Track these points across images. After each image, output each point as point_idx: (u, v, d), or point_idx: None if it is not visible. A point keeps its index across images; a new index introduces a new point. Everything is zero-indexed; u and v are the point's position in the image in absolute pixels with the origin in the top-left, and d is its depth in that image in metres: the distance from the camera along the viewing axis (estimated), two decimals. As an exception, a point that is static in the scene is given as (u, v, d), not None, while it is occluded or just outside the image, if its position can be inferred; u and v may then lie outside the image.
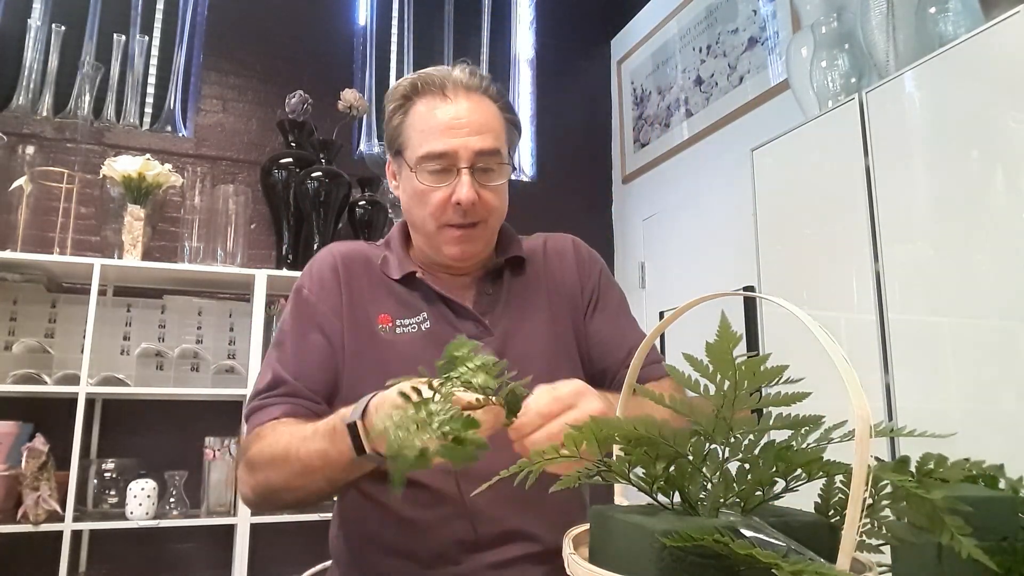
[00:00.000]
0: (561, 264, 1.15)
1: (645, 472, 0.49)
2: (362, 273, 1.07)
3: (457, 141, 0.98)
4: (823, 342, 0.38)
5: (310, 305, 1.04)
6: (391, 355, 1.00)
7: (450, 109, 0.99)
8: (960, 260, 1.33)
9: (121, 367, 2.27)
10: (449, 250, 1.02)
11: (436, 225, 1.01)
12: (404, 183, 1.05)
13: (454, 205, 0.98)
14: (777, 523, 0.42)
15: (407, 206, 1.05)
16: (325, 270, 1.06)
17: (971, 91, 1.34)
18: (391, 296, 1.05)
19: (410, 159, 1.01)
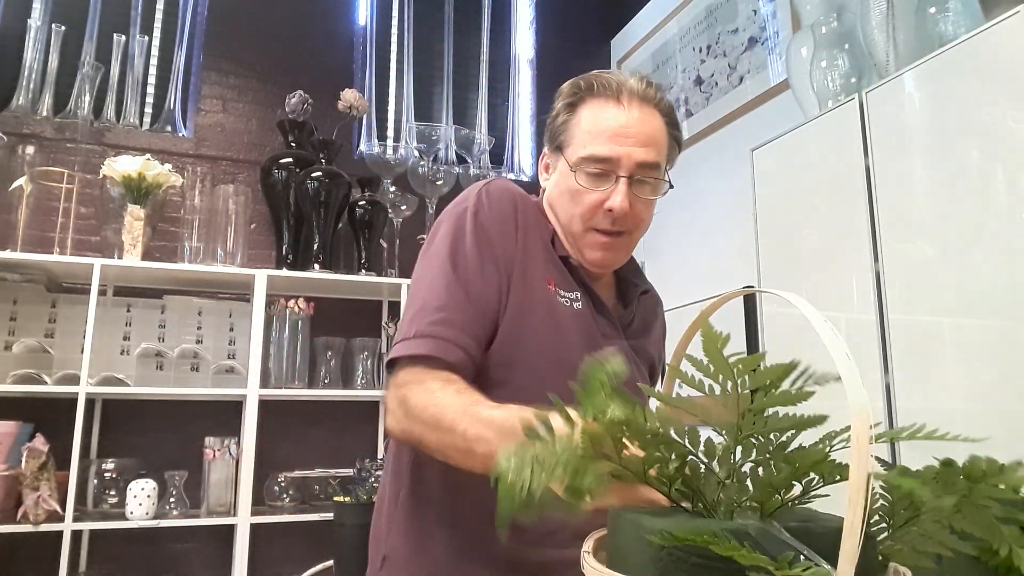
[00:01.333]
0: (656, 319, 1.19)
1: (659, 472, 0.49)
2: (535, 225, 1.04)
3: (622, 149, 0.97)
4: (832, 347, 0.38)
5: (488, 234, 0.98)
6: (556, 319, 0.99)
7: (621, 116, 0.99)
8: (960, 260, 1.33)
9: (121, 367, 2.27)
10: (591, 254, 1.02)
11: (583, 227, 1.00)
12: (559, 179, 1.03)
13: (605, 211, 0.98)
14: (798, 528, 0.41)
15: (556, 201, 1.04)
16: (506, 205, 1.02)
17: (971, 91, 1.34)
18: (555, 264, 1.03)
19: (570, 157, 1.00)
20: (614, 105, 1.00)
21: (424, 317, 0.92)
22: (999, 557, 0.42)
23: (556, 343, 0.97)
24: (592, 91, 1.01)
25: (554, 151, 1.05)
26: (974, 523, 0.41)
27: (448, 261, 0.96)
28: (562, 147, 1.02)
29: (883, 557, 0.44)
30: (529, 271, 0.99)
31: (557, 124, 1.04)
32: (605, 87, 1.01)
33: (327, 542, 2.34)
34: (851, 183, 1.56)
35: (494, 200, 1.02)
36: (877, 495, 0.46)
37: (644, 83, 1.02)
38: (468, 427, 0.80)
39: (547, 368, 0.94)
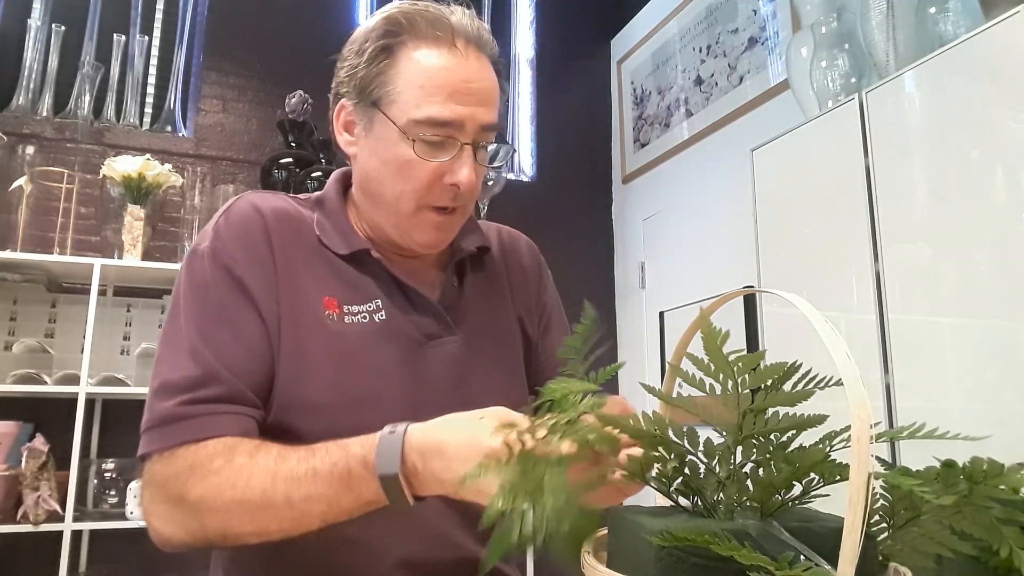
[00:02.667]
0: (519, 263, 1.02)
1: (659, 472, 0.49)
2: (294, 239, 0.85)
3: (466, 110, 0.80)
4: (832, 347, 0.38)
5: (235, 277, 0.80)
6: (341, 349, 0.81)
7: (460, 67, 0.81)
8: (960, 260, 1.33)
9: (121, 367, 2.27)
10: (423, 236, 0.85)
11: (416, 205, 0.83)
12: (377, 144, 0.83)
13: (446, 186, 0.81)
14: (799, 528, 0.41)
15: (374, 173, 0.84)
16: (252, 231, 0.83)
17: (971, 91, 1.34)
18: (335, 274, 0.85)
19: (398, 118, 0.80)
20: (449, 51, 0.81)
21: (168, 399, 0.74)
22: (999, 557, 0.42)
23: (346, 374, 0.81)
24: (415, 30, 0.82)
25: (366, 106, 0.83)
26: (974, 523, 0.41)
27: (192, 327, 0.78)
28: (380, 103, 0.82)
29: (883, 557, 0.44)
30: (298, 301, 0.82)
31: (371, 71, 0.82)
32: (435, 25, 0.81)
33: (327, 542, 2.33)
34: (851, 183, 1.56)
35: (235, 231, 0.83)
36: (877, 495, 0.46)
37: (475, 22, 0.85)
38: (291, 493, 0.67)
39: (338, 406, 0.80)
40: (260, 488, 0.68)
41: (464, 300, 0.92)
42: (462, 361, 0.88)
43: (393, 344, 0.84)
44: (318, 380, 0.79)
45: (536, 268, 1.04)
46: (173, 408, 0.74)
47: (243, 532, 0.70)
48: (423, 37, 0.82)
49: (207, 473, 0.71)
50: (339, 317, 0.83)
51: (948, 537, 0.43)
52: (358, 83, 0.84)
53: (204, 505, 0.71)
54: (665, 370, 1.00)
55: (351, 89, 0.85)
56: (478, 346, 0.90)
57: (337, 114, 0.88)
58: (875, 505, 0.46)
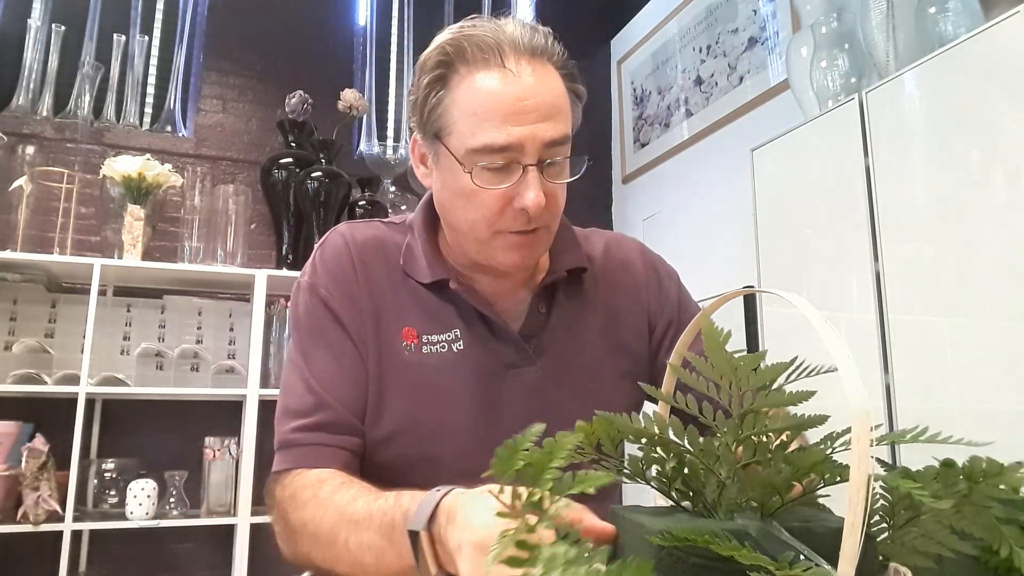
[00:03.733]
0: (626, 279, 0.96)
1: (659, 472, 0.49)
2: (381, 269, 0.87)
3: (524, 131, 0.76)
4: (832, 347, 0.38)
5: (331, 309, 0.85)
6: (415, 381, 0.83)
7: (512, 85, 0.77)
8: (960, 260, 1.33)
9: (121, 367, 2.27)
10: (506, 258, 0.83)
11: (490, 232, 0.81)
12: (445, 175, 0.83)
13: (516, 211, 0.79)
14: (799, 528, 0.41)
15: (447, 204, 0.85)
16: (343, 263, 0.87)
17: (971, 91, 1.34)
18: (416, 303, 0.86)
19: (457, 149, 0.79)
20: (498, 72, 0.77)
21: (286, 424, 0.81)
22: (999, 557, 0.42)
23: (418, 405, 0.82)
24: (465, 56, 0.79)
25: (431, 139, 0.83)
26: (974, 523, 0.41)
27: (300, 357, 0.84)
28: (441, 135, 0.81)
29: (883, 557, 0.44)
30: (382, 330, 0.84)
31: (429, 105, 0.81)
32: (482, 48, 0.78)
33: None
34: (851, 183, 1.56)
35: (329, 264, 0.87)
36: (877, 495, 0.46)
37: (528, 29, 0.81)
38: (349, 535, 0.68)
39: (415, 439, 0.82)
40: (329, 527, 0.70)
41: (550, 327, 0.89)
42: (541, 391, 0.86)
43: (470, 374, 0.84)
44: (392, 410, 0.81)
45: (651, 276, 0.98)
46: (287, 434, 0.81)
47: (321, 565, 0.74)
48: (473, 62, 0.79)
49: (298, 504, 0.75)
50: (417, 347, 0.84)
51: (948, 537, 0.43)
52: (420, 116, 0.83)
53: (295, 532, 0.76)
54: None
55: (416, 123, 0.85)
56: (561, 376, 0.87)
57: (413, 147, 0.89)
58: (875, 505, 0.46)
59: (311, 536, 0.73)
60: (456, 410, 0.83)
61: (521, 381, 0.86)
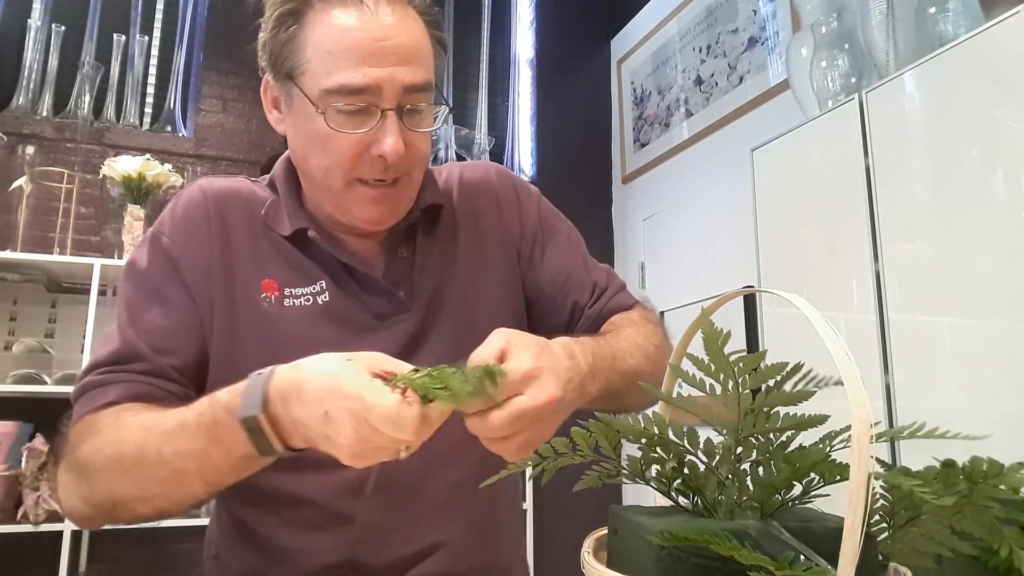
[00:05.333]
0: (486, 200, 0.93)
1: (658, 471, 0.49)
2: (240, 221, 0.83)
3: (382, 72, 0.72)
4: (832, 347, 0.38)
5: (171, 258, 0.79)
6: (276, 333, 0.78)
7: (371, 24, 0.73)
8: (960, 260, 1.33)
9: (121, 367, 2.27)
10: (363, 212, 0.79)
11: (344, 180, 0.77)
12: (298, 119, 0.78)
13: (374, 157, 0.75)
14: (798, 528, 0.41)
15: (301, 151, 0.80)
16: (194, 214, 0.82)
17: (971, 91, 1.34)
18: (278, 255, 0.82)
19: (311, 89, 0.74)
20: (356, 9, 0.73)
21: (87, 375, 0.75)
22: (999, 557, 0.42)
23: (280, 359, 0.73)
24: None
25: (283, 80, 0.78)
26: (975, 523, 0.41)
27: (124, 307, 0.78)
28: (293, 74, 0.76)
29: (883, 557, 0.44)
30: (235, 282, 0.80)
31: (279, 41, 0.76)
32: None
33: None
34: (851, 183, 1.56)
35: (180, 212, 0.83)
36: (877, 495, 0.46)
37: None
38: (162, 447, 0.63)
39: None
40: (134, 443, 0.65)
41: (416, 270, 0.85)
42: (417, 339, 0.82)
43: (337, 327, 0.80)
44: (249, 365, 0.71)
45: (513, 198, 0.94)
46: (88, 380, 0.74)
47: (126, 495, 0.67)
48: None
49: (92, 432, 0.69)
50: (278, 300, 0.80)
51: (948, 537, 0.43)
52: (270, 55, 0.78)
53: (88, 465, 0.67)
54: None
55: (268, 62, 0.79)
56: (438, 320, 0.84)
57: (264, 90, 0.83)
58: (875, 505, 0.46)
59: (111, 461, 0.65)
60: None
61: (396, 331, 0.82)
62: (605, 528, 0.50)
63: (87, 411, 0.72)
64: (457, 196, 0.92)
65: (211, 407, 0.62)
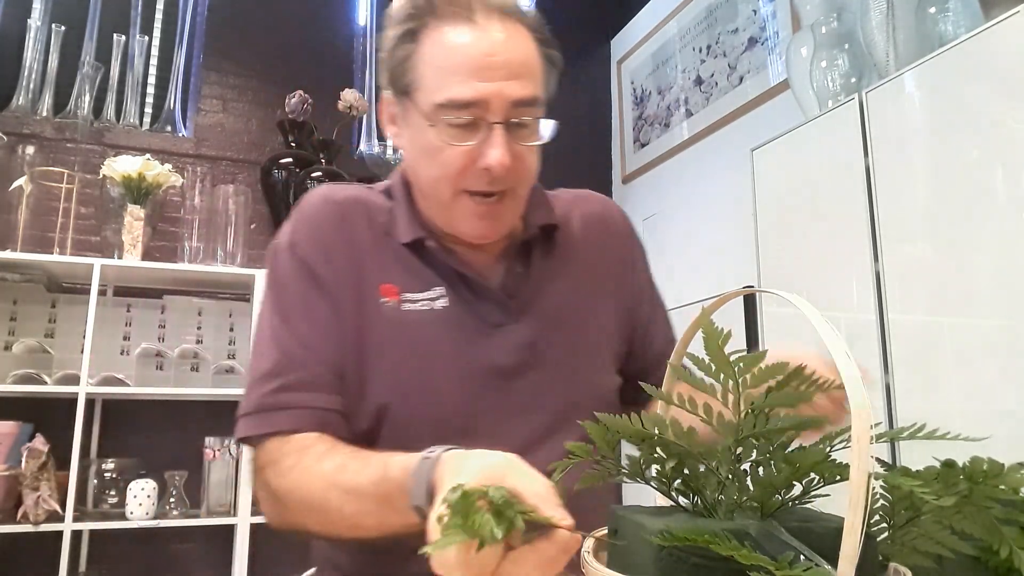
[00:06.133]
0: (605, 236, 0.97)
1: (659, 472, 0.49)
2: (362, 227, 0.86)
3: (490, 87, 0.75)
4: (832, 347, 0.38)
5: (310, 268, 0.83)
6: (397, 337, 0.81)
7: (481, 41, 0.76)
8: (960, 260, 1.33)
9: (121, 367, 2.26)
10: (468, 226, 0.82)
11: (452, 192, 0.80)
12: (412, 133, 0.82)
13: (480, 170, 0.77)
14: (798, 528, 0.41)
15: (414, 163, 0.84)
16: (322, 222, 0.85)
17: (971, 91, 1.34)
18: (397, 262, 0.84)
19: (424, 104, 0.78)
20: (468, 26, 0.77)
21: (259, 387, 0.79)
22: (999, 558, 0.42)
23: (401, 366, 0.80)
24: (435, 10, 0.78)
25: (399, 96, 0.82)
26: (975, 523, 0.41)
27: (275, 316, 0.82)
28: (409, 91, 0.80)
29: (883, 557, 0.44)
30: (361, 288, 0.82)
31: (397, 60, 0.81)
32: (451, 2, 0.78)
33: (327, 542, 2.34)
34: (851, 183, 1.56)
35: (306, 222, 0.86)
36: (877, 495, 0.46)
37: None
38: (343, 504, 0.68)
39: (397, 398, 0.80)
40: (319, 495, 0.70)
41: (531, 285, 0.88)
42: (528, 348, 0.85)
43: (454, 332, 0.83)
44: (375, 370, 0.79)
45: (629, 244, 1.00)
46: (264, 397, 0.78)
47: (315, 531, 0.73)
48: (442, 16, 0.78)
49: (281, 471, 0.74)
50: (397, 304, 0.82)
51: (948, 537, 0.43)
52: (390, 73, 0.83)
53: (282, 500, 0.74)
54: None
55: (386, 81, 0.84)
56: (548, 331, 0.86)
57: (382, 107, 0.88)
58: (875, 505, 0.46)
59: (300, 503, 0.72)
60: (440, 367, 0.81)
61: (508, 339, 0.84)
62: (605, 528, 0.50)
63: (268, 433, 0.77)
64: (576, 223, 0.95)
65: (384, 478, 0.64)
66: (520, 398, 0.82)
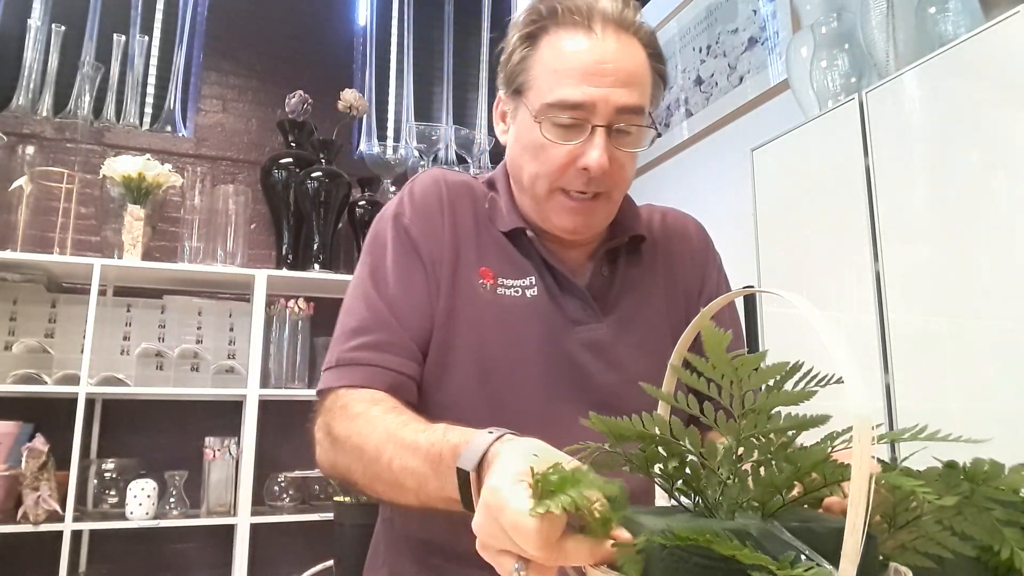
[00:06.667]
0: (682, 248, 1.01)
1: (661, 470, 0.49)
2: (467, 211, 0.90)
3: (598, 92, 0.80)
4: (833, 347, 0.38)
5: (412, 238, 0.87)
6: (488, 318, 0.85)
7: (595, 48, 0.81)
8: (960, 260, 1.33)
9: (121, 367, 2.27)
10: (560, 220, 0.86)
11: (548, 188, 0.84)
12: (519, 129, 0.87)
13: (579, 170, 0.82)
14: (799, 528, 0.41)
15: (516, 157, 0.88)
16: (431, 199, 0.89)
17: (971, 91, 1.34)
18: (495, 247, 0.89)
19: (533, 103, 0.83)
20: (584, 34, 0.82)
21: (344, 343, 0.83)
22: (999, 558, 0.42)
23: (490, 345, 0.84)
24: (556, 17, 0.83)
25: (512, 95, 0.88)
26: (975, 524, 0.41)
27: (369, 278, 0.86)
28: (522, 90, 0.85)
29: (884, 557, 0.44)
30: (460, 267, 0.87)
31: (514, 62, 0.86)
32: (572, 11, 0.83)
33: (327, 542, 2.33)
34: (851, 183, 1.56)
35: (418, 197, 0.90)
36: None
37: (618, 4, 0.84)
38: (394, 457, 0.68)
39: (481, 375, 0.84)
40: (375, 444, 0.71)
41: (614, 290, 0.92)
42: (607, 349, 0.88)
43: (540, 321, 0.86)
44: (462, 345, 0.83)
45: (704, 253, 1.03)
46: (345, 352, 0.82)
47: (358, 480, 0.75)
48: (562, 23, 0.83)
49: (349, 416, 0.77)
50: (492, 288, 0.87)
51: (948, 538, 0.43)
52: (506, 74, 0.88)
53: (338, 443, 0.76)
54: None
55: (502, 80, 0.90)
56: (626, 335, 0.90)
57: (496, 105, 0.93)
58: (875, 505, 0.46)
59: (355, 448, 0.74)
60: (524, 353, 0.85)
61: (588, 336, 0.88)
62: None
63: (342, 385, 0.81)
64: (660, 235, 1.00)
65: (442, 440, 0.65)
66: (592, 396, 0.84)
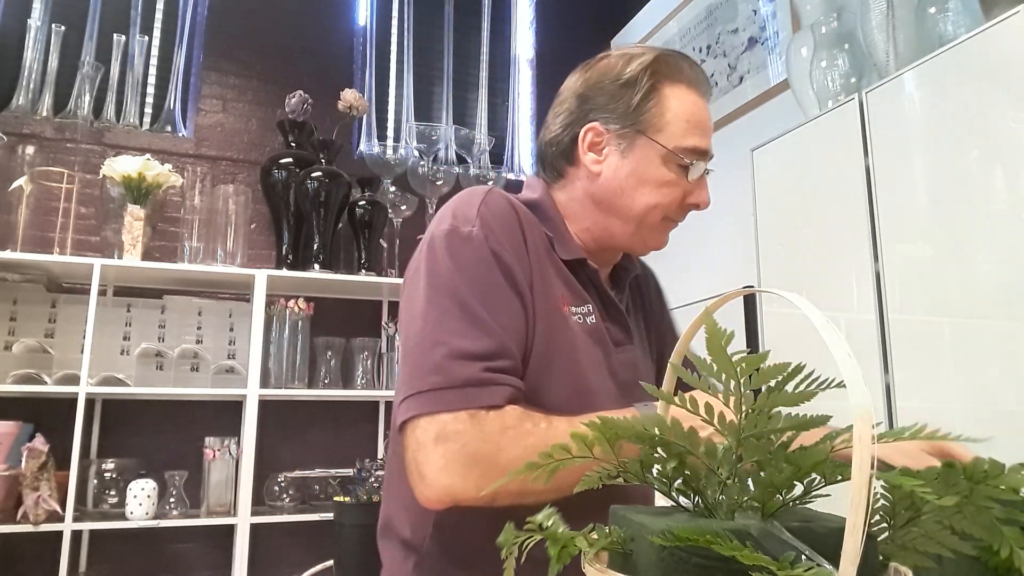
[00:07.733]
0: (653, 284, 1.17)
1: (659, 472, 0.49)
2: (536, 237, 0.92)
3: (710, 144, 0.96)
4: (833, 347, 0.38)
5: (505, 263, 0.85)
6: (572, 343, 0.89)
7: (706, 109, 0.97)
8: (960, 260, 1.33)
9: (121, 367, 2.27)
10: (656, 241, 0.99)
11: (662, 216, 0.96)
12: (637, 163, 0.93)
13: (688, 204, 0.97)
14: (800, 528, 0.41)
15: (623, 187, 0.94)
16: (511, 224, 0.89)
17: (971, 91, 1.34)
18: (560, 275, 0.93)
19: (665, 143, 0.92)
20: (699, 95, 0.96)
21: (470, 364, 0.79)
22: (999, 558, 0.42)
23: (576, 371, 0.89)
24: (671, 74, 0.95)
25: (629, 131, 0.94)
26: (975, 524, 0.41)
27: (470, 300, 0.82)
28: (645, 129, 0.93)
29: (884, 557, 0.44)
30: (547, 295, 0.89)
31: (636, 102, 0.93)
32: (678, 71, 0.95)
33: (327, 542, 2.33)
34: (851, 183, 1.56)
35: (497, 220, 0.88)
36: (878, 495, 0.46)
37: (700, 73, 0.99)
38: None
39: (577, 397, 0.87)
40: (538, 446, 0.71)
41: (630, 313, 1.05)
42: (637, 367, 0.99)
43: (600, 345, 0.94)
44: (558, 370, 0.87)
45: (661, 297, 1.18)
46: (477, 373, 0.78)
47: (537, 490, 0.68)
48: (683, 80, 0.95)
49: (521, 435, 0.76)
50: (568, 314, 0.91)
51: (948, 537, 0.43)
52: (624, 111, 0.94)
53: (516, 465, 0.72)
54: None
55: (613, 116, 0.94)
56: (640, 355, 1.01)
57: (584, 135, 0.96)
58: (875, 505, 0.46)
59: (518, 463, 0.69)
60: (595, 376, 0.91)
61: (626, 356, 0.97)
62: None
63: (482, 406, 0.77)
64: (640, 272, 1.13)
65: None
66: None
